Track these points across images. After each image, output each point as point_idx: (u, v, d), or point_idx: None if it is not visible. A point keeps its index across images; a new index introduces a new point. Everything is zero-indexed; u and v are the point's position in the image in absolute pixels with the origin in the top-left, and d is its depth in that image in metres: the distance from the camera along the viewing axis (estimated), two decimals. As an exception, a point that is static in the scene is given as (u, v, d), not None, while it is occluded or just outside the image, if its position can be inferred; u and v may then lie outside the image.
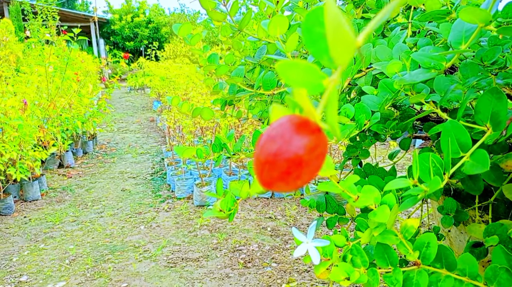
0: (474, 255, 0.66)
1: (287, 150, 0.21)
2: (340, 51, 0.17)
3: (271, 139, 0.21)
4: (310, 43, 0.19)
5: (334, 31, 0.17)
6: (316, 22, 0.19)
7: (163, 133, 6.10)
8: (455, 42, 0.47)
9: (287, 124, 0.21)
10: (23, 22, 11.91)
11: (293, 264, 2.29)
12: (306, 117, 0.21)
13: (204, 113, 1.02)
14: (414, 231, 0.45)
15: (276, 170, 0.21)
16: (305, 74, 0.19)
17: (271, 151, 0.21)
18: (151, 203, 3.36)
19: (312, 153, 0.21)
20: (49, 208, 3.31)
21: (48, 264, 2.40)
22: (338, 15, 0.17)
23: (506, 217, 0.96)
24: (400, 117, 0.73)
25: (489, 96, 0.44)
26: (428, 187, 0.35)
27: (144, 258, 2.43)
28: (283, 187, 0.22)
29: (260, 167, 0.21)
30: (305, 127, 0.21)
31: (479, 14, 0.39)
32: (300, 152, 0.20)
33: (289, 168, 0.21)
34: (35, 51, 5.83)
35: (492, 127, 0.43)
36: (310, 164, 0.21)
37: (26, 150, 3.28)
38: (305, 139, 0.21)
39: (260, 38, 0.87)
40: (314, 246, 0.49)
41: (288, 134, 0.21)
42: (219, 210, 0.50)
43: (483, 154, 0.38)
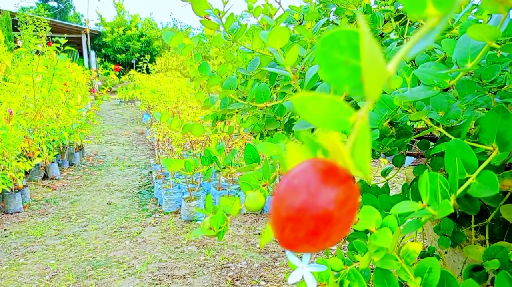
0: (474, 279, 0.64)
1: (314, 205, 0.17)
2: (374, 83, 0.15)
3: (293, 190, 0.17)
4: (327, 69, 0.16)
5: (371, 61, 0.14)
6: (335, 47, 0.16)
7: (152, 146, 6.03)
8: (460, 60, 0.46)
9: (311, 172, 0.17)
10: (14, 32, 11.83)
11: (282, 283, 2.24)
12: (332, 162, 0.17)
13: (194, 129, 0.99)
14: (416, 256, 0.42)
15: (302, 229, 0.17)
16: (328, 110, 0.16)
17: (294, 205, 0.17)
18: (138, 217, 3.28)
19: (344, 208, 0.17)
20: (31, 221, 3.21)
21: (27, 280, 2.30)
22: (374, 44, 0.14)
23: (501, 237, 0.94)
24: (396, 134, 0.71)
25: (495, 114, 0.42)
26: (437, 211, 0.33)
27: (128, 275, 2.35)
28: (309, 249, 0.18)
29: (280, 224, 0.18)
30: (333, 175, 0.17)
31: (488, 31, 0.37)
32: (331, 207, 0.17)
33: (318, 227, 0.17)
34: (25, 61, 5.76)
35: (498, 147, 0.40)
36: (342, 221, 0.17)
37: (9, 160, 3.20)
38: (335, 191, 0.17)
39: (254, 49, 0.85)
40: (310, 271, 0.46)
41: (314, 185, 0.17)
42: (209, 228, 0.47)
43: (491, 175, 0.36)
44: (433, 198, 0.34)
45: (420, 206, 0.34)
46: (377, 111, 0.57)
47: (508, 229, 0.94)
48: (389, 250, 0.41)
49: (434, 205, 0.34)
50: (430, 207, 0.33)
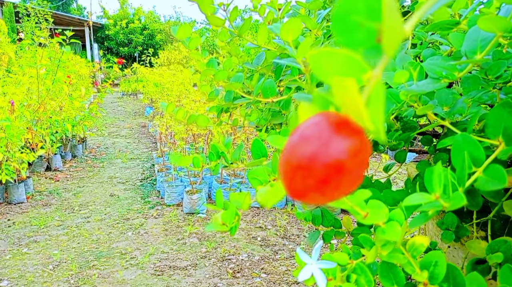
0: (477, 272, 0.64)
1: (326, 153, 0.17)
2: (392, 40, 0.15)
3: (305, 140, 0.17)
4: (343, 32, 0.17)
5: (390, 15, 0.15)
6: (353, 10, 0.16)
7: (154, 139, 6.05)
8: (470, 52, 0.46)
9: (324, 123, 0.18)
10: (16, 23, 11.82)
11: (283, 275, 2.26)
12: (345, 116, 0.18)
13: (199, 120, 0.99)
14: (423, 249, 0.42)
15: (312, 177, 0.17)
16: (344, 66, 0.16)
17: (305, 154, 0.17)
18: (140, 209, 3.30)
19: (355, 159, 0.17)
20: (34, 211, 3.23)
21: (31, 269, 2.32)
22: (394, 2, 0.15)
23: (502, 233, 0.95)
24: (401, 128, 0.72)
25: (501, 109, 0.43)
26: (449, 203, 0.33)
27: (130, 265, 2.37)
28: (318, 198, 0.18)
29: (291, 173, 0.18)
30: (345, 127, 0.17)
31: (498, 22, 0.37)
32: (342, 157, 0.17)
33: (328, 175, 0.17)
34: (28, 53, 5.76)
35: (504, 141, 0.41)
36: (352, 172, 0.17)
37: (13, 151, 3.21)
38: (347, 141, 0.17)
39: (260, 44, 0.85)
40: (319, 268, 0.47)
41: (326, 135, 0.17)
42: (222, 223, 0.47)
43: (498, 169, 0.37)
44: (443, 191, 0.35)
45: (433, 198, 0.34)
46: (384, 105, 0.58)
47: (509, 225, 0.95)
48: (397, 244, 0.41)
49: (444, 198, 0.34)
50: (442, 200, 0.34)
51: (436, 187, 0.34)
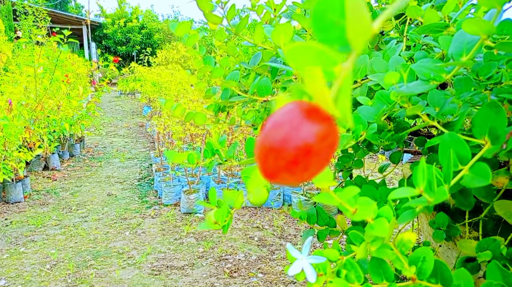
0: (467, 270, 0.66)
1: (296, 137, 0.19)
2: (358, 34, 0.16)
3: (278, 125, 0.19)
4: (321, 30, 0.18)
5: (355, 12, 0.16)
6: (329, 9, 0.18)
7: (152, 139, 6.05)
8: (456, 54, 0.47)
9: (295, 110, 0.19)
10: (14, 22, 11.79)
11: (280, 275, 2.27)
12: (316, 104, 0.19)
13: (197, 118, 1.00)
14: (411, 245, 0.44)
15: (283, 158, 0.19)
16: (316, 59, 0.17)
17: (277, 137, 0.19)
18: (137, 209, 3.31)
19: (323, 142, 0.19)
20: (32, 210, 3.24)
21: (28, 268, 2.33)
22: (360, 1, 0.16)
23: (494, 233, 0.96)
24: (394, 129, 0.73)
25: (487, 109, 0.44)
26: (432, 198, 0.35)
27: (128, 265, 2.38)
28: (289, 178, 0.20)
29: (264, 155, 0.19)
30: (315, 114, 0.19)
31: (482, 25, 0.38)
32: (310, 140, 0.19)
33: (297, 157, 0.19)
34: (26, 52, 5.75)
35: (490, 141, 0.42)
36: (320, 154, 0.19)
37: (11, 150, 3.21)
38: (316, 126, 0.19)
39: (256, 43, 0.86)
40: (309, 263, 0.48)
41: (297, 120, 0.19)
42: (214, 222, 0.48)
43: (483, 167, 0.38)
44: (428, 187, 0.36)
45: (417, 192, 0.35)
46: (375, 105, 0.59)
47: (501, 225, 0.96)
48: (385, 239, 0.42)
49: (429, 193, 0.36)
50: (426, 194, 0.35)
51: (420, 182, 0.35)
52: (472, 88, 0.67)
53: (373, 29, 0.17)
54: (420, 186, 0.35)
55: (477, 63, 0.63)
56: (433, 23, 0.54)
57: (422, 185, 0.35)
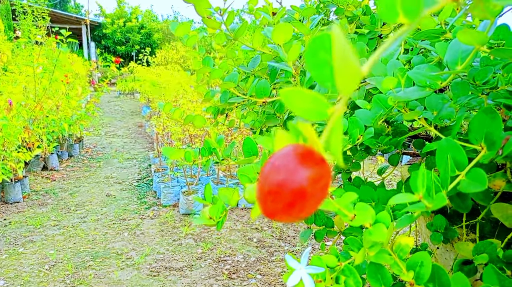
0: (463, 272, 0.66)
1: (292, 181, 0.20)
2: (346, 81, 0.17)
3: (275, 169, 0.21)
4: (314, 68, 0.19)
5: (342, 63, 0.17)
6: (321, 48, 0.19)
7: (151, 139, 6.05)
8: (451, 62, 0.48)
9: (291, 154, 0.21)
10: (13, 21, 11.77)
11: (278, 277, 2.27)
12: (310, 147, 0.21)
13: (196, 120, 1.01)
14: (409, 250, 0.44)
15: (280, 201, 0.21)
16: (310, 103, 0.19)
17: (275, 181, 0.21)
18: (136, 209, 3.31)
19: (317, 185, 0.20)
20: (31, 211, 3.24)
21: (27, 269, 2.33)
22: (346, 46, 0.17)
23: (491, 236, 0.97)
24: (392, 133, 0.74)
25: (483, 115, 0.44)
26: (431, 204, 0.35)
27: (126, 266, 2.38)
28: (286, 218, 0.21)
29: (263, 197, 0.21)
30: (309, 158, 0.21)
31: (476, 36, 0.39)
32: (305, 184, 0.20)
33: (293, 200, 0.20)
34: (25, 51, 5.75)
35: (486, 146, 0.43)
36: (314, 196, 0.20)
37: (10, 150, 3.21)
38: (309, 171, 0.20)
39: (255, 47, 0.87)
40: (307, 273, 0.48)
41: (292, 165, 0.20)
42: (209, 217, 0.49)
43: (479, 172, 0.38)
44: (427, 193, 0.36)
45: (416, 198, 0.36)
46: (373, 110, 0.59)
47: (498, 228, 0.97)
48: (383, 244, 0.43)
49: (428, 199, 0.36)
50: (425, 200, 0.36)
51: (420, 188, 0.36)
52: (469, 92, 0.67)
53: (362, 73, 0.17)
54: (419, 193, 0.36)
55: (474, 68, 0.63)
56: (429, 29, 0.54)
57: (421, 191, 0.35)
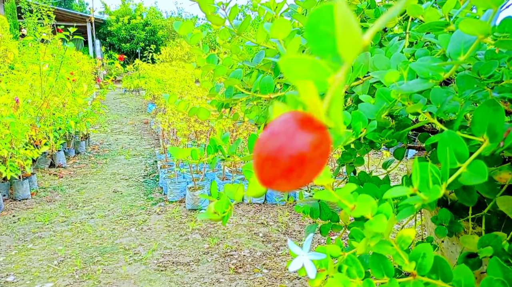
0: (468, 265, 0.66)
1: (290, 146, 0.20)
2: (348, 47, 0.17)
3: (273, 135, 0.20)
4: (314, 41, 0.19)
5: (344, 26, 0.17)
6: (322, 20, 0.19)
7: (156, 136, 6.08)
8: (454, 53, 0.48)
9: (290, 120, 0.20)
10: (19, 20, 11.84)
11: (284, 271, 2.28)
12: (310, 114, 0.20)
13: (200, 113, 1.01)
14: (410, 241, 0.44)
15: (278, 167, 0.20)
16: (310, 70, 0.18)
17: (273, 147, 0.20)
18: (143, 205, 3.33)
19: (316, 151, 0.20)
20: (39, 207, 3.27)
21: (36, 264, 2.36)
22: (348, 12, 0.17)
23: (498, 229, 0.97)
24: (396, 127, 0.74)
25: (486, 108, 0.44)
26: (427, 196, 0.35)
27: (134, 261, 2.40)
28: (284, 185, 0.21)
29: (261, 163, 0.21)
30: (309, 124, 0.20)
31: (479, 25, 0.39)
32: (304, 149, 0.20)
33: (292, 165, 0.20)
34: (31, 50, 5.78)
35: (488, 138, 0.43)
36: (314, 162, 0.20)
37: (17, 148, 3.25)
38: (309, 136, 0.20)
39: (259, 43, 0.87)
40: (310, 259, 0.49)
41: (291, 130, 0.20)
42: (214, 212, 0.50)
43: (480, 164, 0.38)
44: (425, 185, 0.37)
45: (411, 191, 0.36)
46: (376, 103, 0.59)
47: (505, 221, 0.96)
48: (384, 235, 0.43)
49: (425, 191, 0.36)
50: (422, 193, 0.36)
51: (414, 181, 0.36)
52: (475, 85, 0.67)
53: (364, 41, 0.17)
54: (414, 185, 0.36)
55: (478, 61, 0.63)
56: (433, 22, 0.54)
57: (416, 184, 0.36)
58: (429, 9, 0.59)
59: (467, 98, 0.66)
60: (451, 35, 0.50)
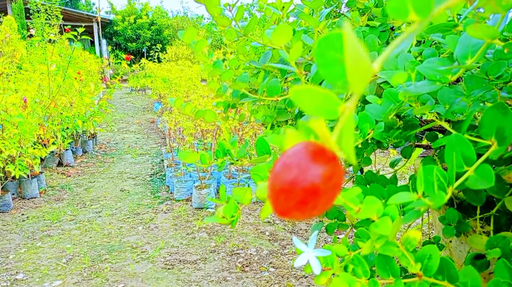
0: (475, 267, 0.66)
1: (304, 179, 0.20)
2: (357, 79, 0.17)
3: (287, 168, 0.21)
4: (324, 67, 0.19)
5: (354, 60, 0.17)
6: (331, 47, 0.19)
7: (163, 135, 6.10)
8: (461, 57, 0.48)
9: (303, 152, 0.21)
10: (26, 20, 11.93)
11: (291, 269, 2.29)
12: (322, 145, 0.21)
13: (206, 115, 1.02)
14: (416, 243, 0.45)
15: (292, 199, 0.20)
16: (321, 101, 0.19)
17: (287, 180, 0.20)
18: (150, 204, 3.36)
19: (329, 182, 0.20)
20: (47, 206, 3.31)
21: (45, 262, 2.39)
22: (357, 44, 0.17)
23: (507, 228, 0.96)
24: (403, 127, 0.74)
25: (494, 110, 0.44)
26: (432, 202, 0.35)
27: (141, 259, 2.42)
28: (299, 216, 0.21)
29: (275, 196, 0.21)
30: (321, 156, 0.21)
31: (486, 30, 0.39)
32: (317, 181, 0.20)
33: (306, 197, 0.20)
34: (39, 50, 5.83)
35: (497, 141, 0.43)
36: (327, 194, 0.20)
37: (26, 147, 3.28)
38: (322, 168, 0.20)
39: (265, 44, 0.87)
40: (315, 256, 0.49)
41: (304, 163, 0.20)
42: (222, 216, 0.50)
43: (487, 169, 0.38)
44: (431, 189, 0.37)
45: (415, 197, 0.36)
46: (384, 104, 0.59)
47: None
48: (389, 237, 0.43)
49: (431, 195, 0.36)
50: (427, 198, 0.36)
51: (419, 187, 0.36)
52: (483, 85, 0.67)
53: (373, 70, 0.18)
54: (419, 191, 0.36)
55: (487, 62, 0.63)
56: (441, 23, 0.54)
57: (420, 190, 0.36)
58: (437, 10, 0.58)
59: (475, 98, 0.66)
60: (459, 36, 0.50)
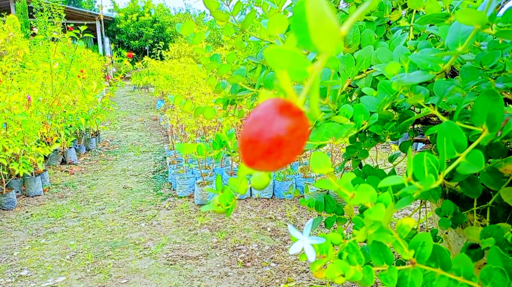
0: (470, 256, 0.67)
1: (269, 130, 0.22)
2: (322, 39, 0.18)
3: (255, 120, 0.22)
4: (298, 32, 0.20)
5: (316, 19, 0.18)
6: (304, 13, 0.20)
7: (165, 132, 6.12)
8: (452, 44, 0.48)
9: (271, 107, 0.22)
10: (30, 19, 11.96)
11: (292, 265, 2.30)
12: (289, 101, 0.22)
13: (206, 112, 1.03)
14: (409, 230, 0.45)
15: (259, 149, 0.22)
16: (291, 60, 0.20)
17: (254, 131, 0.22)
18: (152, 201, 3.37)
19: (293, 134, 0.22)
20: (51, 203, 3.33)
21: (49, 259, 2.41)
22: (321, 3, 0.18)
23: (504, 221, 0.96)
24: (399, 119, 0.74)
25: (486, 98, 0.45)
26: (422, 185, 0.36)
27: (144, 255, 2.44)
28: (265, 165, 0.23)
29: (244, 146, 0.23)
30: (287, 110, 0.22)
31: (475, 15, 0.39)
32: (281, 133, 0.22)
33: (271, 147, 0.22)
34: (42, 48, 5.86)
35: (488, 128, 0.43)
36: (291, 145, 0.22)
37: (30, 145, 3.31)
38: (286, 121, 0.22)
39: (262, 38, 0.88)
40: (309, 243, 0.50)
41: (271, 116, 0.22)
42: (217, 204, 0.51)
43: (478, 154, 0.39)
44: (422, 174, 0.37)
45: (405, 180, 0.37)
46: (378, 96, 0.60)
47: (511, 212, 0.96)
48: (383, 223, 0.44)
49: (422, 180, 0.37)
50: (417, 182, 0.37)
51: (409, 171, 0.37)
52: (479, 76, 0.67)
53: (341, 32, 0.18)
54: (408, 174, 0.37)
55: (481, 52, 0.63)
56: (434, 14, 0.55)
57: (409, 173, 0.37)
58: (429, 1, 0.59)
59: (470, 89, 0.66)
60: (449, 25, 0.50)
